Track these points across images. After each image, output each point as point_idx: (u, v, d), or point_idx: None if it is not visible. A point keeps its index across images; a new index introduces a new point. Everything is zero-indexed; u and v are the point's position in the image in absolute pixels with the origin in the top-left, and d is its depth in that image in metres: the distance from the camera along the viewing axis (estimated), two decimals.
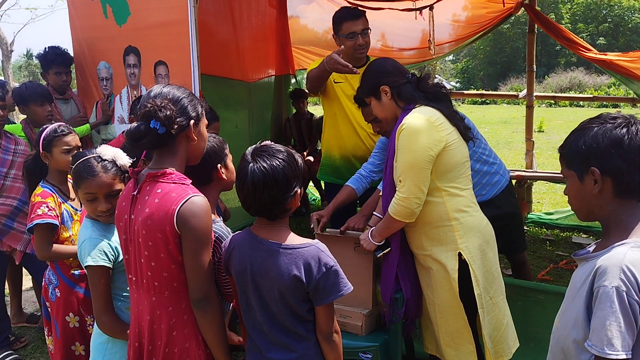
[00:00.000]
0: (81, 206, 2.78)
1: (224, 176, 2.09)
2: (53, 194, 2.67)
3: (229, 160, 2.14)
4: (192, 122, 1.83)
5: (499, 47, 36.00)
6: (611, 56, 5.02)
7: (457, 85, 35.04)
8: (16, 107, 4.21)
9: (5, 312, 3.62)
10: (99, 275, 2.06)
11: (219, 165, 2.08)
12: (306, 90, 6.75)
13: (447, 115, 2.38)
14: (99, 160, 2.22)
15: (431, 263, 2.44)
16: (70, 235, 2.69)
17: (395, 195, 2.38)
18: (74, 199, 2.76)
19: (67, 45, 4.33)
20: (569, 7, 32.74)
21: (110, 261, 2.07)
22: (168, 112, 1.74)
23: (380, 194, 2.81)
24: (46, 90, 3.77)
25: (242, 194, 1.79)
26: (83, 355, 2.67)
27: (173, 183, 1.78)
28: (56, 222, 2.63)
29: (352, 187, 3.11)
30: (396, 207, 2.36)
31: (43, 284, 2.73)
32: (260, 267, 1.78)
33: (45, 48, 4.20)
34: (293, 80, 6.47)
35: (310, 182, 6.79)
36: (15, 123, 3.92)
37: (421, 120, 2.31)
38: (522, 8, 5.50)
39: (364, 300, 2.66)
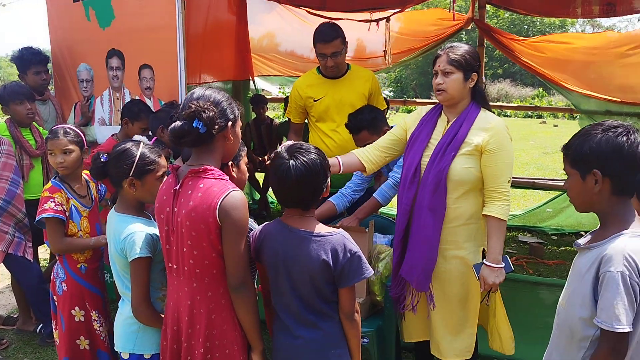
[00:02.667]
0: (91, 203, 2.86)
1: (233, 174, 2.19)
2: (61, 190, 2.74)
3: (243, 162, 2.28)
4: (229, 123, 2.00)
5: (430, 58, 37.00)
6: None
7: (391, 94, 35.88)
8: None
9: None
10: (144, 267, 2.16)
11: (230, 163, 2.19)
12: (266, 97, 6.93)
13: None
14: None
15: (454, 258, 2.58)
16: (78, 231, 2.76)
17: (500, 197, 2.47)
18: (84, 196, 2.84)
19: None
20: (495, 22, 34.39)
21: (152, 253, 2.19)
22: (210, 114, 1.90)
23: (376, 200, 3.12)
24: (24, 88, 3.76)
25: (283, 189, 1.98)
26: (87, 350, 2.74)
27: (214, 178, 1.94)
28: (62, 216, 2.70)
29: (333, 203, 3.26)
30: (506, 208, 2.46)
31: (51, 277, 2.79)
32: (291, 253, 1.97)
33: (20, 49, 4.18)
34: (252, 87, 6.62)
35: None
36: None
37: (502, 121, 2.56)
38: (472, 23, 5.97)
39: (358, 290, 2.87)
